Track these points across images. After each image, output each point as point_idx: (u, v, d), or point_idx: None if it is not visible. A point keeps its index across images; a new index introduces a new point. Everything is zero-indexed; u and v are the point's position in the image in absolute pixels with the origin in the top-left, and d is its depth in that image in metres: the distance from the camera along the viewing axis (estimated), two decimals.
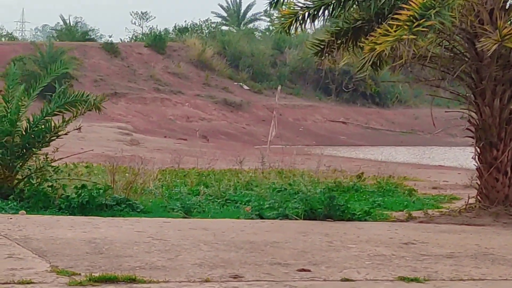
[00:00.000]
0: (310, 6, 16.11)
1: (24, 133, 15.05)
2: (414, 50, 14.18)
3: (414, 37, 13.78)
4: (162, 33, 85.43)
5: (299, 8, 16.23)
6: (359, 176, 21.01)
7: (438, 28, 14.07)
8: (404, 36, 13.70)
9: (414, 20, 13.76)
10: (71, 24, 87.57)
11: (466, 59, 15.37)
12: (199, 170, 22.30)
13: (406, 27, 13.74)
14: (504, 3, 14.87)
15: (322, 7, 16.14)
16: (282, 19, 16.76)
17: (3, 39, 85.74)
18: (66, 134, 15.47)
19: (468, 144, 16.30)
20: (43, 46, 67.55)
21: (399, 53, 14.27)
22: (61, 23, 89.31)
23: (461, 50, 15.48)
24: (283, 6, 16.94)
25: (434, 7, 13.90)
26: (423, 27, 13.74)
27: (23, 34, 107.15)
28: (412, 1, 14.00)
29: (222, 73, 77.02)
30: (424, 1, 13.97)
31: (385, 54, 14.21)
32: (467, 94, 15.71)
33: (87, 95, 16.04)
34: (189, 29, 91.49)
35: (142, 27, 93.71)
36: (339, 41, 16.34)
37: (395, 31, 13.71)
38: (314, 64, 21.29)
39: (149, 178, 17.52)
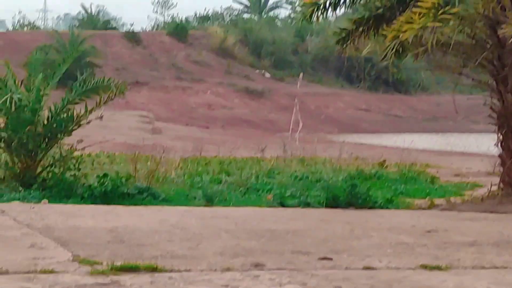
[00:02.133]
0: None
1: (46, 122, 15.11)
2: (438, 37, 14.19)
3: (440, 24, 13.79)
4: (184, 21, 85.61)
5: None
6: (381, 164, 21.05)
7: (461, 15, 14.07)
8: (430, 24, 13.72)
9: (439, 7, 13.76)
10: (93, 13, 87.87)
11: (488, 45, 15.36)
12: (221, 158, 22.36)
13: (431, 14, 13.75)
14: None
15: None
16: (304, 7, 16.82)
17: (25, 28, 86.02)
18: (88, 123, 15.52)
19: (491, 131, 16.27)
20: (65, 35, 67.78)
21: (423, 40, 14.32)
22: (83, 12, 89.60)
23: (483, 37, 15.47)
24: None
25: None
26: (447, 15, 13.76)
27: (45, 24, 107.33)
28: None
29: (243, 61, 77.15)
30: None
31: (408, 41, 14.25)
32: (489, 81, 15.69)
33: (108, 80, 16.10)
34: (211, 17, 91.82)
35: (164, 16, 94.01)
36: (360, 29, 16.37)
37: (420, 19, 13.74)
38: (336, 51, 21.35)
39: (171, 167, 17.58)
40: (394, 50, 15.11)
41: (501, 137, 15.65)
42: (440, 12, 13.78)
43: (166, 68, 72.67)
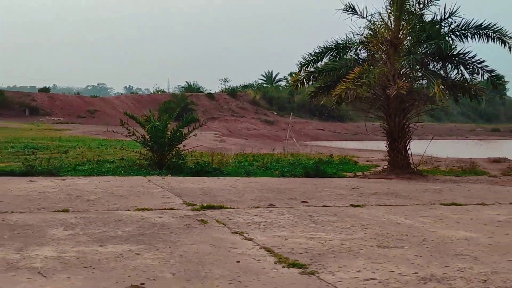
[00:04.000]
0: (305, 76, 16.23)
1: (169, 137, 15.18)
2: (355, 94, 14.23)
3: (355, 87, 13.87)
4: (235, 88, 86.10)
5: (300, 77, 16.34)
6: (331, 156, 20.90)
7: (367, 83, 14.06)
8: (350, 87, 13.80)
9: (355, 79, 13.82)
10: (191, 84, 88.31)
11: (382, 98, 15.32)
12: (253, 153, 22.33)
13: (351, 83, 13.80)
14: (400, 71, 14.82)
15: (311, 76, 16.23)
16: (292, 82, 16.96)
17: (159, 92, 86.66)
18: (189, 137, 15.57)
19: (383, 139, 16.21)
20: (178, 95, 68.50)
21: (349, 96, 14.34)
22: (186, 84, 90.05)
23: (379, 94, 15.42)
24: (293, 75, 17.07)
25: (365, 73, 13.94)
26: (359, 83, 13.82)
27: (168, 89, 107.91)
28: (354, 71, 14.05)
29: (264, 107, 77.37)
30: (360, 70, 14.01)
31: (342, 96, 14.27)
32: (383, 115, 15.65)
33: (197, 118, 16.21)
34: (247, 85, 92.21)
35: (224, 85, 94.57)
36: (320, 91, 16.40)
37: (345, 83, 13.85)
38: (308, 102, 21.63)
39: (229, 158, 17.55)
40: (336, 101, 15.17)
41: (388, 142, 15.63)
42: (355, 81, 13.83)
43: (227, 110, 72.83)
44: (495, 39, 14.76)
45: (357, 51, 15.92)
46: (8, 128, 40.51)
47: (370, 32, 15.48)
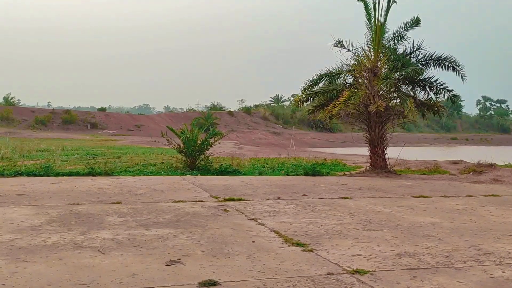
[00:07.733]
0: (305, 97, 16.19)
1: (199, 145, 15.19)
2: (345, 111, 14.17)
3: (346, 108, 13.82)
4: (249, 107, 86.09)
5: (301, 97, 16.30)
6: (324, 159, 20.81)
7: (354, 103, 14.03)
8: (342, 108, 13.76)
9: (345, 101, 13.79)
10: (215, 104, 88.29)
11: (364, 114, 15.27)
12: (264, 158, 22.27)
13: (342, 104, 13.77)
14: (378, 92, 14.77)
15: (309, 97, 16.19)
16: (295, 102, 16.92)
17: (190, 110, 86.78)
18: (214, 145, 15.57)
19: (366, 146, 16.13)
20: (205, 113, 68.72)
21: (340, 113, 14.31)
22: (212, 104, 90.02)
23: (362, 110, 15.37)
24: (295, 95, 17.07)
25: (353, 96, 13.90)
26: (348, 103, 13.78)
27: (198, 108, 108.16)
28: (344, 93, 14.03)
29: (272, 121, 77.17)
30: (349, 93, 13.98)
31: (333, 113, 14.24)
32: (366, 127, 15.59)
33: (221, 132, 16.24)
34: (259, 105, 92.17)
35: (241, 105, 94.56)
36: (317, 108, 16.34)
37: (338, 105, 13.79)
38: (307, 117, 21.55)
39: (245, 161, 17.52)
40: (329, 117, 15.12)
41: (370, 148, 15.55)
42: (346, 102, 13.80)
43: (243, 124, 72.72)
44: (451, 68, 14.86)
45: (345, 77, 15.91)
46: (74, 139, 40.87)
47: (355, 62, 15.46)
